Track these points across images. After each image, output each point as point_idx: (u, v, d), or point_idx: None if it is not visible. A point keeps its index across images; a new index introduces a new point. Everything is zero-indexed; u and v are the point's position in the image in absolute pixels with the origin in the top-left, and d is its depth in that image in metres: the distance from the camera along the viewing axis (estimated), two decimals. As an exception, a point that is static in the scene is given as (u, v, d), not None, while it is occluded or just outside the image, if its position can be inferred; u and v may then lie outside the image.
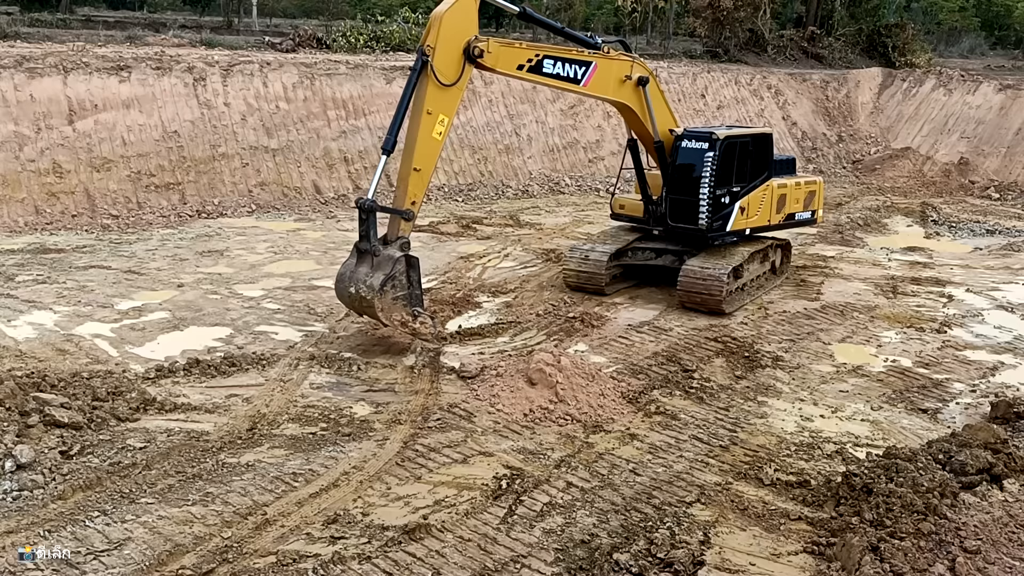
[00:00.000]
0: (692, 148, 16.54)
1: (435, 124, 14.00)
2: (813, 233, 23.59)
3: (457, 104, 14.55)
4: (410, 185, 14.08)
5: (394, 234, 14.07)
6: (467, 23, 14.01)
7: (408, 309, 13.70)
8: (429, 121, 13.90)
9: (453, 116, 14.50)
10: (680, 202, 16.75)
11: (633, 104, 16.51)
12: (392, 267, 13.46)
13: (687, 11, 49.25)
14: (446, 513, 9.32)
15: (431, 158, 14.30)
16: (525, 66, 14.95)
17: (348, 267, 13.89)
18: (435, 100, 13.86)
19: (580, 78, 15.52)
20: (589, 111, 32.12)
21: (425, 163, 14.14)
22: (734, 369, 13.78)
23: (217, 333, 14.76)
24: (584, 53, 15.70)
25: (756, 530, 9.24)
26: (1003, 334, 15.90)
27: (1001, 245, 23.20)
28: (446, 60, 13.83)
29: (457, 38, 13.91)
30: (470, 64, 14.15)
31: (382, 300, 13.34)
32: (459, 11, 13.91)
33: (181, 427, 11.14)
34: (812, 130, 36.51)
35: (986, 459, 10.27)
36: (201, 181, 24.41)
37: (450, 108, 14.24)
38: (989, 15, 71.44)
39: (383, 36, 34.37)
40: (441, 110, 14.02)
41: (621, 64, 16.20)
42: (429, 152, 14.17)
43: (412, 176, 14.00)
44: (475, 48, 13.96)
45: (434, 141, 14.13)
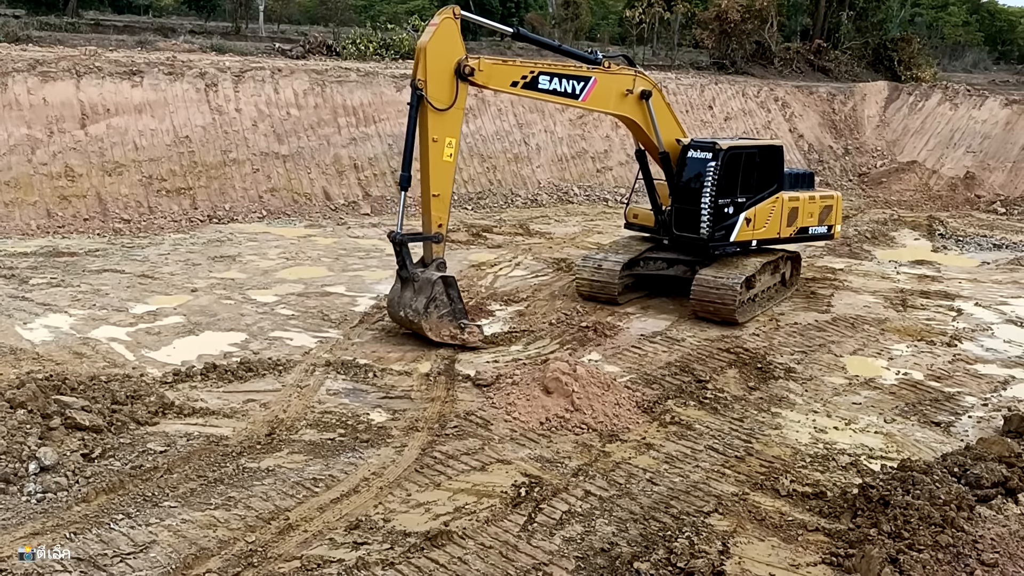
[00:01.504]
0: (697, 158, 16.75)
1: (443, 148, 14.42)
2: (821, 246, 23.69)
3: (460, 124, 14.82)
4: (433, 211, 14.62)
5: (429, 257, 14.91)
6: (452, 45, 14.24)
7: (454, 323, 14.62)
8: (437, 147, 14.34)
9: (459, 136, 14.85)
10: (684, 211, 16.92)
11: (636, 117, 16.62)
12: (432, 290, 14.43)
13: (694, 23, 49.48)
14: (467, 520, 9.39)
15: (447, 181, 14.76)
16: (519, 82, 15.17)
17: (395, 293, 14.95)
18: (437, 126, 14.25)
19: (579, 93, 15.66)
20: (598, 121, 32.26)
21: (442, 187, 14.63)
22: (747, 380, 13.86)
23: (232, 338, 14.85)
24: (583, 68, 15.78)
25: (774, 540, 9.31)
26: (1013, 348, 15.99)
27: (1008, 259, 23.30)
28: (439, 86, 14.14)
29: (445, 63, 14.16)
30: (463, 83, 14.35)
31: (429, 321, 14.45)
32: (441, 37, 14.13)
33: (200, 431, 11.21)
34: (819, 143, 36.66)
35: (1001, 472, 10.35)
36: (212, 186, 24.54)
37: (454, 130, 14.58)
38: (992, 30, 71.85)
39: (392, 44, 34.56)
40: (446, 134, 14.40)
41: (622, 78, 16.30)
42: (444, 176, 14.64)
43: (433, 202, 14.58)
44: (465, 67, 14.22)
45: (446, 164, 14.58)
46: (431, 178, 14.49)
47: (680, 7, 47.87)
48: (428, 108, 14.10)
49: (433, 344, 14.55)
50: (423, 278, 14.55)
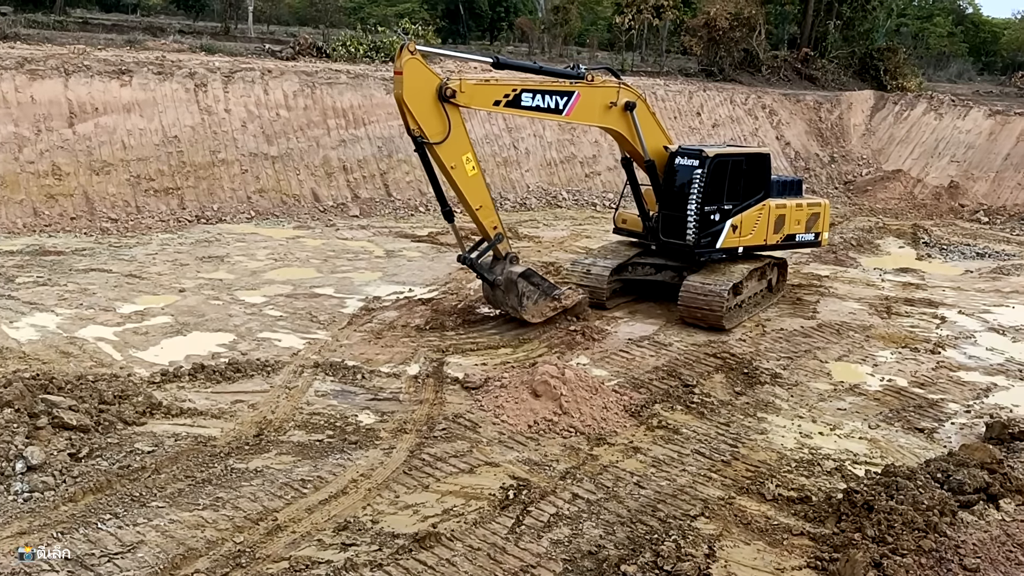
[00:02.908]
0: (684, 165, 16.88)
1: (464, 168, 14.71)
2: (808, 252, 23.88)
3: (467, 139, 14.97)
4: (483, 221, 15.44)
5: (499, 256, 15.84)
6: (424, 80, 14.27)
7: (548, 300, 15.72)
8: (458, 171, 14.68)
9: (471, 147, 15.01)
10: (671, 218, 17.07)
11: (621, 129, 16.65)
12: (517, 287, 15.51)
13: (682, 30, 49.73)
14: (455, 522, 9.43)
15: (483, 191, 15.22)
16: (502, 101, 15.21)
17: (487, 291, 16.38)
18: (449, 155, 14.53)
19: (562, 108, 15.72)
20: (584, 129, 32.36)
21: (481, 198, 15.19)
22: (733, 385, 13.96)
23: (220, 339, 14.83)
24: (566, 84, 15.80)
25: (760, 544, 9.39)
26: (995, 356, 16.17)
27: (991, 268, 23.54)
28: (430, 123, 14.32)
29: (426, 98, 14.25)
30: (449, 105, 14.40)
31: (527, 311, 15.62)
32: (412, 80, 14.11)
33: (188, 432, 11.20)
34: (805, 150, 36.92)
35: (983, 479, 10.48)
36: (201, 186, 24.48)
37: (464, 147, 14.80)
38: (976, 41, 72.55)
39: (383, 46, 34.56)
40: (459, 155, 14.65)
41: (606, 91, 16.31)
42: (478, 189, 15.09)
43: (480, 213, 15.30)
44: (447, 89, 14.28)
45: (475, 178, 14.98)
46: (468, 197, 14.96)
47: (669, 14, 48.09)
48: (433, 147, 14.41)
49: (537, 325, 15.75)
50: (505, 279, 15.54)
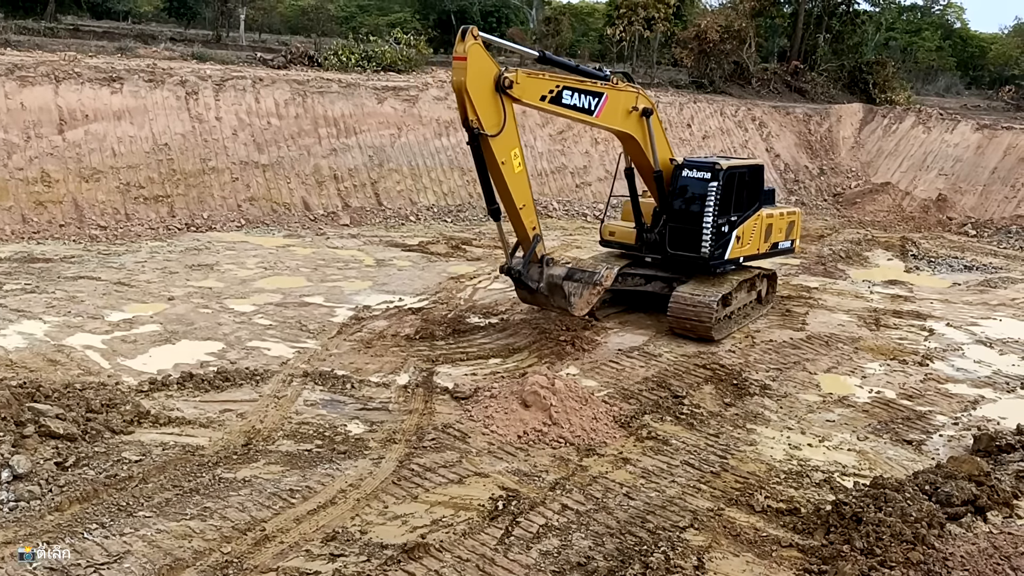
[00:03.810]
0: (695, 178, 16.92)
1: (512, 163, 14.44)
2: (796, 264, 24.00)
3: (517, 134, 14.56)
4: (524, 219, 14.98)
5: (536, 258, 15.42)
6: (486, 67, 13.92)
7: (591, 288, 15.26)
8: (507, 167, 14.37)
9: (520, 143, 14.72)
10: (680, 230, 17.06)
11: (637, 135, 16.70)
12: (563, 289, 15.19)
13: (673, 42, 49.98)
14: (444, 533, 9.39)
15: (527, 190, 14.96)
16: (547, 96, 15.00)
17: (525, 297, 16.25)
18: (501, 149, 14.19)
19: (593, 109, 15.65)
20: (577, 137, 32.50)
21: (525, 197, 14.94)
22: (723, 396, 13.98)
23: (209, 347, 14.77)
24: (596, 84, 15.83)
25: (749, 556, 9.39)
26: (983, 368, 16.25)
27: (979, 281, 23.68)
28: (488, 115, 13.89)
29: (486, 87, 13.87)
30: (505, 96, 14.09)
31: (577, 308, 15.28)
32: (476, 67, 13.71)
33: (176, 441, 11.14)
34: (795, 163, 37.12)
35: (971, 491, 10.54)
36: (191, 194, 24.42)
37: (514, 142, 14.48)
38: (964, 55, 73.11)
39: (375, 56, 34.59)
40: (509, 150, 14.34)
41: (628, 95, 16.42)
42: (523, 186, 14.80)
43: (522, 213, 14.89)
44: (505, 79, 13.96)
45: (521, 175, 14.71)
46: (513, 194, 14.60)
47: (660, 26, 48.32)
48: (487, 140, 13.93)
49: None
50: (548, 284, 15.24)
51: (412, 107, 29.75)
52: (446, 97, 30.73)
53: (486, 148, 14.05)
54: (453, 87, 13.86)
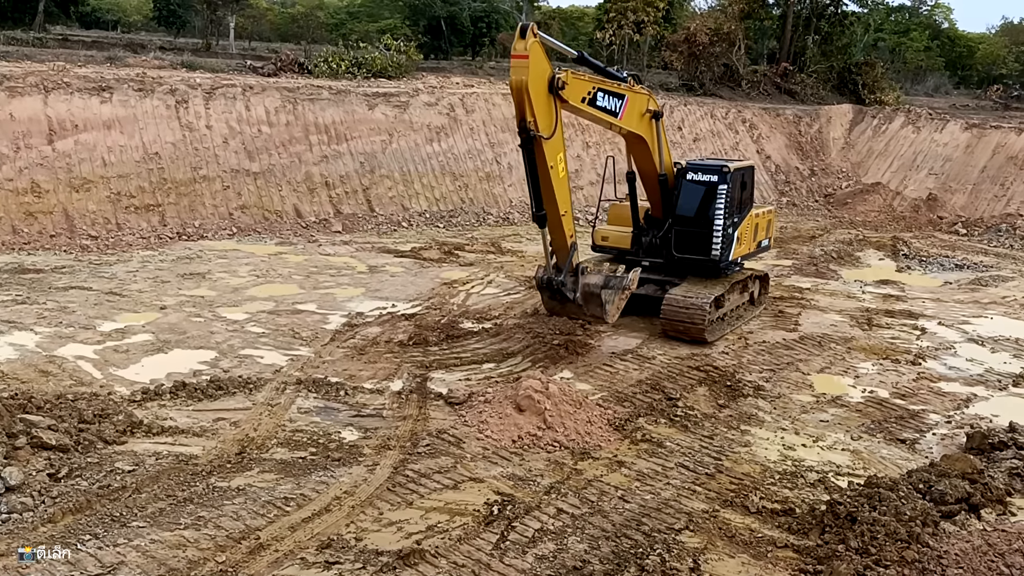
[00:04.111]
0: (702, 181, 17.02)
1: (558, 167, 14.14)
2: (788, 265, 24.08)
3: (563, 138, 14.28)
4: (565, 227, 14.66)
5: (572, 267, 15.10)
6: (544, 67, 13.54)
7: (620, 294, 15.17)
8: (555, 171, 14.05)
9: (564, 148, 14.45)
10: (688, 234, 17.12)
11: (648, 137, 16.62)
12: (600, 298, 15.05)
13: (663, 45, 50.13)
14: (439, 539, 9.38)
15: (568, 196, 14.73)
16: (586, 98, 14.83)
17: (552, 305, 16.14)
18: (551, 152, 13.91)
19: (618, 111, 15.55)
20: (568, 141, 32.41)
21: (567, 204, 14.64)
22: (717, 398, 14.00)
23: (202, 356, 14.73)
24: (620, 86, 15.72)
25: (744, 557, 9.40)
26: (975, 366, 16.31)
27: (969, 280, 23.78)
28: (544, 117, 13.57)
29: (543, 88, 13.54)
30: (556, 98, 13.83)
31: (610, 315, 15.19)
32: (536, 67, 13.26)
33: (169, 450, 11.10)
34: (785, 164, 37.23)
35: (964, 489, 10.58)
36: (182, 203, 24.37)
37: (561, 146, 14.22)
38: (952, 55, 73.46)
39: (365, 62, 34.60)
40: (557, 153, 14.04)
41: (643, 97, 16.41)
42: (565, 193, 14.56)
43: (564, 219, 14.54)
44: (558, 80, 13.72)
45: (564, 181, 14.42)
46: (558, 200, 14.24)
47: (650, 29, 48.49)
48: (540, 143, 13.48)
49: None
50: (584, 291, 15.03)
51: (403, 113, 29.76)
52: (437, 103, 30.76)
53: (539, 151, 13.55)
54: (512, 87, 13.24)
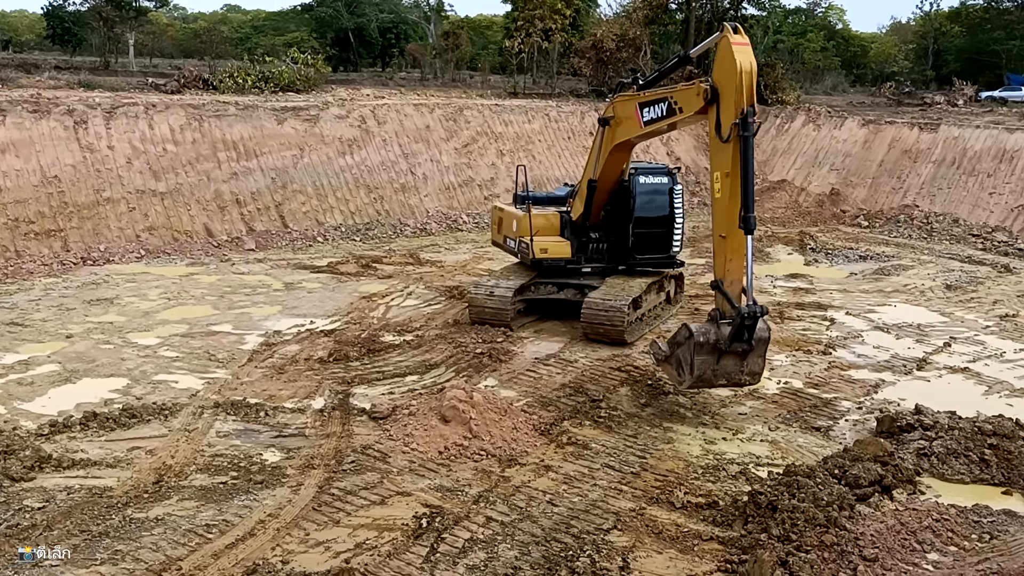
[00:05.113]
0: (653, 183, 17.55)
1: (714, 188, 13.43)
2: (702, 264, 24.60)
3: (730, 157, 12.86)
4: (716, 249, 13.64)
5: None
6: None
7: (759, 357, 13.01)
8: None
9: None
10: (647, 235, 17.65)
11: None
12: (764, 347, 13.00)
13: (571, 52, 50.75)
14: (368, 556, 9.27)
15: (719, 218, 13.47)
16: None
17: (706, 367, 12.70)
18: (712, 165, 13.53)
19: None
20: (483, 149, 32.66)
21: (722, 227, 13.29)
22: (639, 397, 14.21)
23: (113, 384, 14.23)
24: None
25: (672, 552, 9.55)
26: (881, 353, 16.95)
27: (873, 270, 24.72)
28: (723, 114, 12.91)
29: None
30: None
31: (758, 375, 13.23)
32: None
33: (82, 484, 10.68)
34: (695, 165, 38.08)
35: (876, 471, 10.99)
36: (85, 227, 23.52)
37: (718, 165, 13.33)
38: (848, 55, 76.36)
39: (272, 77, 34.05)
40: (714, 172, 13.45)
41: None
42: (717, 214, 13.54)
43: (718, 242, 13.44)
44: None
45: (718, 203, 13.41)
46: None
47: (558, 36, 49.04)
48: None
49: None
50: (759, 338, 12.77)
51: (313, 127, 29.38)
52: (347, 115, 30.49)
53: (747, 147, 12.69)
54: (740, 72, 12.61)
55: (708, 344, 12.57)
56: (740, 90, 12.50)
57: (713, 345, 12.59)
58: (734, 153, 12.53)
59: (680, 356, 12.90)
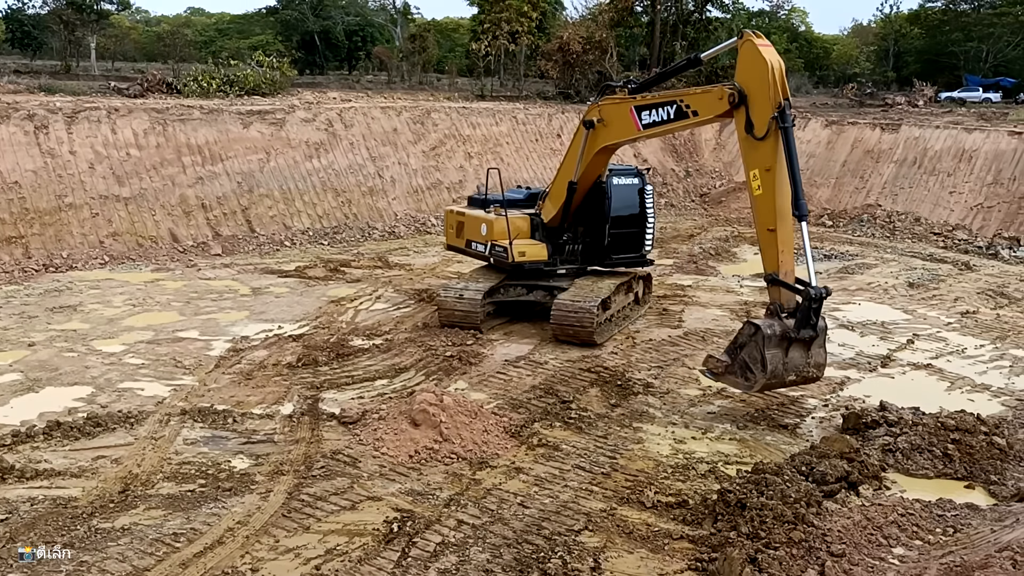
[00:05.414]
0: (626, 184, 17.81)
1: (753, 185, 13.44)
2: (670, 264, 24.80)
3: (770, 152, 13.12)
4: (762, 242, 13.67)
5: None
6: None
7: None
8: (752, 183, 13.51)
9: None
10: (623, 235, 17.91)
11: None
12: (823, 336, 13.06)
13: (538, 54, 50.86)
14: (339, 562, 9.21)
15: (761, 214, 13.54)
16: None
17: (776, 361, 12.63)
18: (749, 162, 13.45)
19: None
20: (451, 152, 32.63)
21: (766, 221, 13.40)
22: (609, 398, 14.27)
23: (77, 393, 14.01)
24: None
25: (643, 552, 9.60)
26: (846, 351, 17.18)
27: (837, 269, 25.05)
28: (756, 114, 13.23)
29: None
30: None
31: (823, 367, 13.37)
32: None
33: (46, 494, 10.51)
34: (662, 166, 38.34)
35: (843, 468, 11.14)
36: (47, 233, 23.15)
37: (758, 162, 13.30)
38: (810, 56, 77.35)
39: (237, 80, 33.74)
40: (752, 169, 13.45)
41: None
42: (758, 209, 13.58)
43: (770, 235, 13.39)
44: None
45: (759, 198, 13.45)
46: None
47: (524, 39, 49.11)
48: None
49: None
50: (820, 327, 12.87)
51: (280, 130, 29.17)
52: (314, 119, 30.31)
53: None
54: (770, 66, 13.08)
55: (776, 336, 12.51)
56: (774, 85, 12.93)
57: (781, 336, 12.53)
58: (775, 147, 12.85)
59: (746, 357, 12.72)
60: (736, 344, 13.04)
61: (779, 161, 12.87)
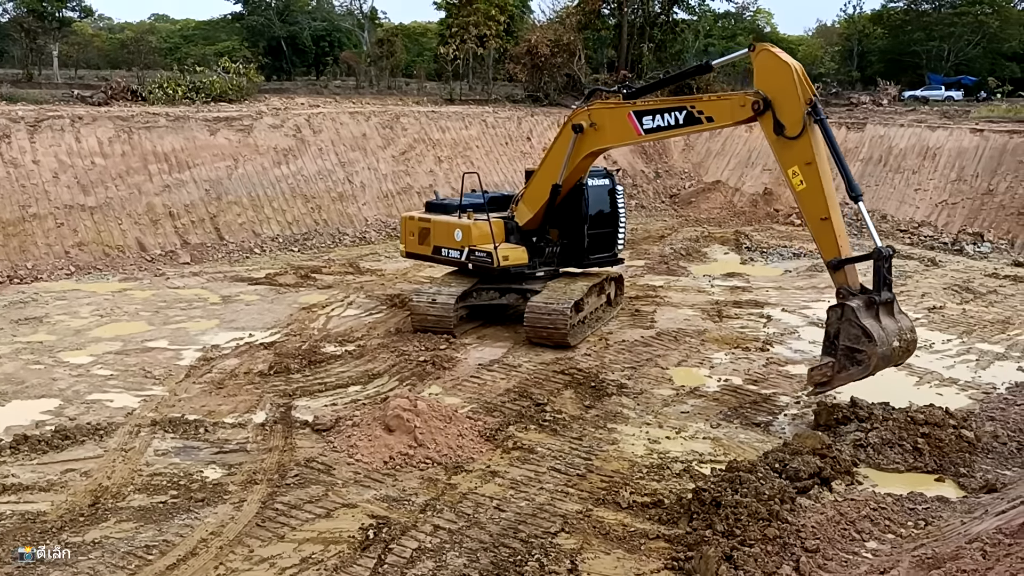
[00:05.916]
0: (599, 185, 18.10)
1: (794, 180, 13.64)
2: (641, 265, 24.92)
3: (807, 147, 13.50)
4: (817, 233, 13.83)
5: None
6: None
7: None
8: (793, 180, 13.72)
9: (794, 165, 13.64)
10: (599, 236, 18.22)
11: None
12: (894, 302, 13.00)
13: (506, 58, 50.91)
14: (314, 570, 9.14)
15: (809, 209, 13.81)
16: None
17: (880, 330, 12.48)
18: (787, 160, 13.66)
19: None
20: (421, 156, 32.55)
21: (817, 213, 13.68)
22: (583, 399, 14.30)
23: (44, 405, 13.79)
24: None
25: (619, 552, 9.62)
26: (817, 348, 17.19)
27: (807, 267, 25.31)
28: (787, 113, 13.60)
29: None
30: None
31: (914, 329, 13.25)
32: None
33: (13, 509, 10.32)
34: (631, 168, 38.54)
35: (815, 464, 11.24)
36: (10, 244, 22.78)
37: (797, 158, 13.58)
38: (776, 57, 78.15)
39: (203, 87, 33.43)
40: (790, 166, 13.67)
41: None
42: (805, 205, 13.84)
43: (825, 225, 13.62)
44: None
45: (802, 194, 13.69)
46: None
47: (492, 43, 49.12)
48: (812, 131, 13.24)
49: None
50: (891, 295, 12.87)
51: (247, 137, 28.94)
52: (282, 125, 30.11)
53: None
54: (792, 69, 13.65)
55: (863, 306, 12.57)
56: (802, 84, 13.42)
57: (867, 305, 12.60)
58: (812, 141, 13.22)
59: (846, 341, 12.52)
60: (829, 337, 12.90)
61: (818, 153, 13.24)
